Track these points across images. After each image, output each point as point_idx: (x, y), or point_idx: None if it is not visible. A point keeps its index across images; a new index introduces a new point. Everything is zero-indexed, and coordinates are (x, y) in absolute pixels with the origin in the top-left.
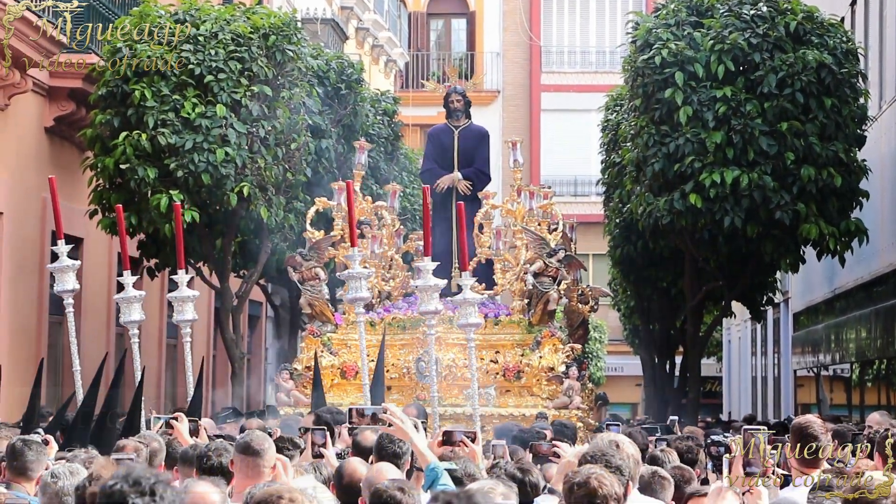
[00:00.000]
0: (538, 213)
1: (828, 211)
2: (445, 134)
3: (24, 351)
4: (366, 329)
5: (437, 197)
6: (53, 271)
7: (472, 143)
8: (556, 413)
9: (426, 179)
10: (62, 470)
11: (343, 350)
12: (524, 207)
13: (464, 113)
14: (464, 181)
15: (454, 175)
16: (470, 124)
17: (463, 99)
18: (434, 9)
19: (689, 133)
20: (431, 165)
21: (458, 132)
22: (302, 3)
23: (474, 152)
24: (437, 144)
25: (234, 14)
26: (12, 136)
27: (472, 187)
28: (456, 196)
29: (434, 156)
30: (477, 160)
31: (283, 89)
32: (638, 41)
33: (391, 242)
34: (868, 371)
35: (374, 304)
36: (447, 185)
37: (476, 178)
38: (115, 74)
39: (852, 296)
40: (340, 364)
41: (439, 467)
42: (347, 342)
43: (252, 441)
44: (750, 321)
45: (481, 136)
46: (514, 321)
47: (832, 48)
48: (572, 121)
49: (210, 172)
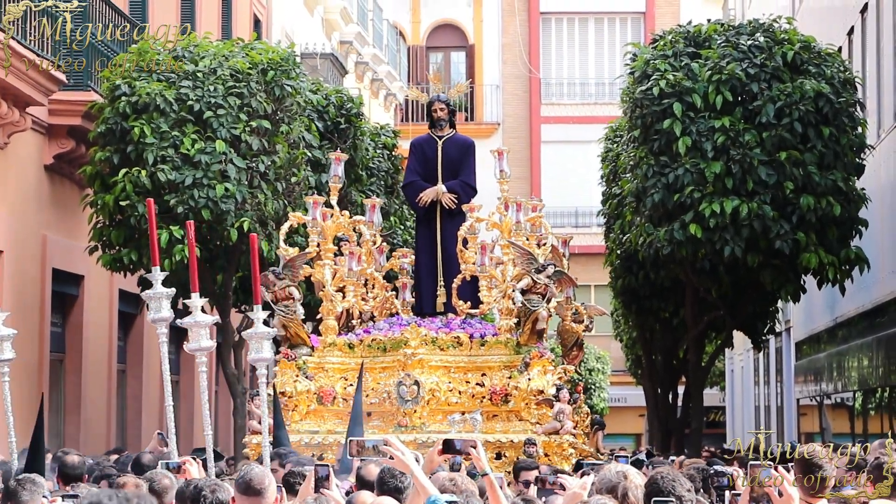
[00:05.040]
0: (526, 227)
1: (827, 240)
2: (428, 144)
3: (25, 388)
4: (344, 352)
5: (420, 211)
6: None
7: (457, 154)
8: (547, 439)
9: (409, 193)
10: None
11: (320, 374)
12: (511, 221)
13: (448, 122)
14: (448, 194)
15: (438, 188)
16: (454, 134)
17: (447, 108)
18: (433, 42)
19: (688, 163)
20: (414, 178)
21: (442, 142)
22: (301, 38)
23: (459, 164)
24: (420, 156)
25: (233, 50)
26: (12, 174)
27: (458, 200)
28: (440, 210)
29: (417, 168)
30: (462, 172)
31: (283, 124)
32: (636, 72)
33: (370, 259)
34: (871, 399)
35: (354, 325)
36: (431, 198)
37: (461, 191)
38: (115, 111)
39: (854, 324)
40: (317, 389)
41: (440, 499)
42: (325, 365)
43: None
44: (752, 350)
45: (467, 147)
46: (501, 341)
47: (830, 77)
48: (572, 152)
49: (210, 208)
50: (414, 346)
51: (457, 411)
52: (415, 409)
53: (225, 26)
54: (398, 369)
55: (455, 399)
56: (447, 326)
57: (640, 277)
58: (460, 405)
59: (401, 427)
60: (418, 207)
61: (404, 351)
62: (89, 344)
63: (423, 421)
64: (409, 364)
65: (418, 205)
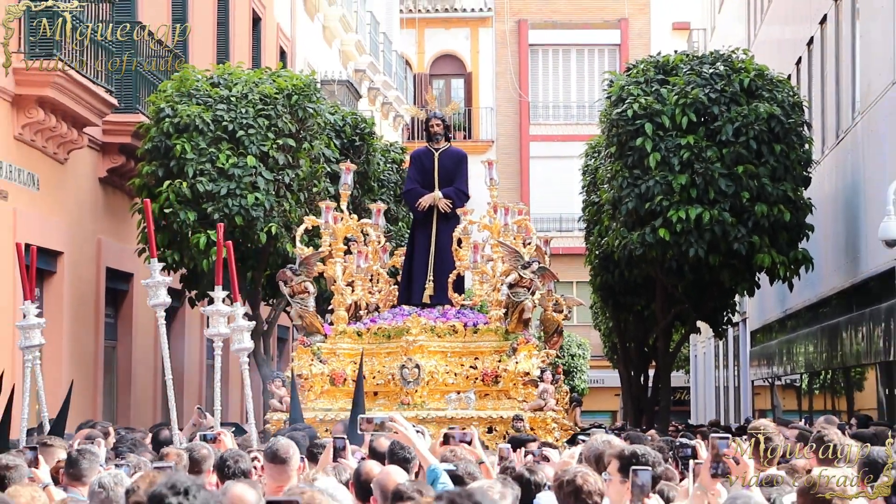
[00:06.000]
0: (513, 228)
1: (778, 243)
2: (426, 156)
3: (83, 371)
4: (353, 339)
5: (419, 214)
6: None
7: (452, 165)
8: (532, 415)
9: (409, 198)
10: (108, 480)
11: (332, 358)
12: (500, 223)
13: (443, 136)
14: (444, 199)
15: (435, 194)
16: (449, 147)
17: (442, 123)
18: (436, 70)
19: (657, 176)
20: (414, 185)
21: (438, 154)
22: (321, 67)
23: (454, 173)
24: (419, 166)
25: (262, 77)
26: (71, 185)
27: (452, 205)
28: (437, 213)
29: (416, 176)
30: (456, 180)
31: (305, 142)
32: (612, 97)
33: (376, 257)
34: (815, 381)
35: (362, 315)
36: (428, 203)
37: (456, 197)
38: (159, 131)
39: (801, 316)
40: (330, 372)
41: (439, 468)
42: (336, 351)
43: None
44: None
45: (460, 158)
46: (492, 329)
47: (781, 101)
48: (557, 166)
49: (242, 215)
50: (415, 333)
51: (453, 391)
52: (416, 389)
53: (255, 57)
54: (401, 354)
55: (451, 380)
56: (444, 316)
57: (615, 275)
58: (456, 385)
59: (403, 405)
60: (417, 211)
61: (406, 338)
62: (138, 333)
63: (424, 399)
64: (411, 349)
65: (417, 209)
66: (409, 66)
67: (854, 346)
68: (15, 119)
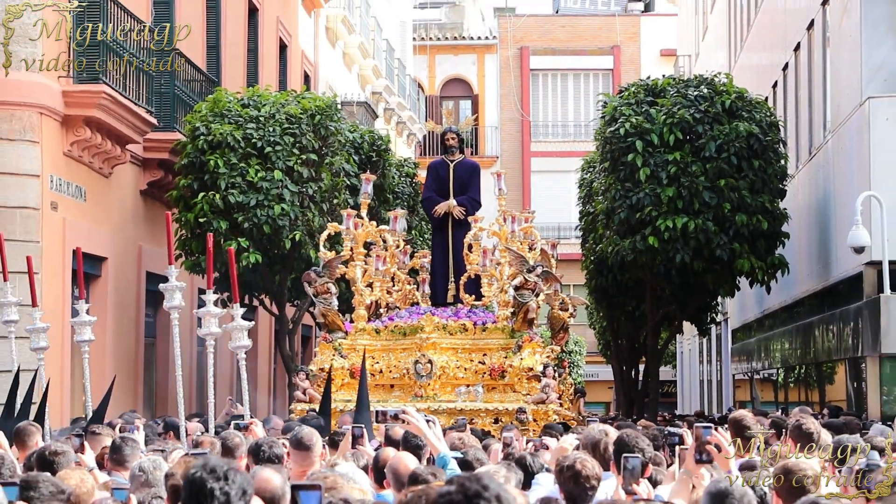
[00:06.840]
0: (520, 235)
1: (757, 249)
2: (442, 167)
3: (126, 367)
4: (372, 335)
5: (435, 221)
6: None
7: (466, 175)
8: (535, 408)
9: (426, 206)
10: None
11: (352, 354)
12: (508, 230)
13: (458, 149)
14: (458, 207)
15: (450, 202)
16: (463, 159)
17: (457, 137)
18: (446, 92)
19: (647, 188)
20: (430, 194)
21: (453, 165)
22: (341, 89)
23: (467, 182)
24: (435, 176)
25: (288, 99)
26: (115, 197)
27: (466, 212)
28: (452, 220)
29: (433, 186)
30: (470, 189)
31: (327, 157)
32: (606, 116)
33: (393, 260)
34: (790, 375)
35: (381, 313)
36: (444, 210)
37: (469, 205)
38: (195, 148)
39: (777, 316)
40: (350, 366)
41: (448, 455)
42: (356, 346)
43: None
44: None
45: (473, 169)
46: (499, 327)
47: (759, 121)
48: (556, 180)
49: (269, 224)
50: (428, 331)
51: (462, 384)
52: (429, 382)
53: (282, 80)
54: (415, 350)
55: (461, 375)
56: (456, 315)
57: (609, 279)
58: (465, 379)
59: (417, 397)
60: (434, 218)
61: (420, 335)
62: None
63: (436, 392)
64: (424, 346)
65: (434, 216)
66: (421, 88)
67: (825, 344)
68: (64, 137)
